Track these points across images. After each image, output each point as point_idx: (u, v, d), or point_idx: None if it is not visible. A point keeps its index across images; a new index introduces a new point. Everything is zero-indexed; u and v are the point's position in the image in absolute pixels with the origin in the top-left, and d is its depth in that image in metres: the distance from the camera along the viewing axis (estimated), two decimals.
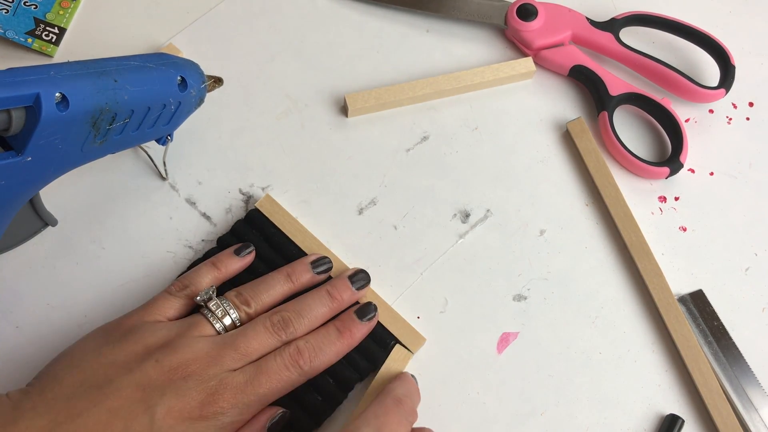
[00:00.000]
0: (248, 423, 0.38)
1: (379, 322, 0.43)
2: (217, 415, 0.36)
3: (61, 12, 0.53)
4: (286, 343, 0.40)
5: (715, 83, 0.53)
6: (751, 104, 0.54)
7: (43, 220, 0.43)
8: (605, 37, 0.54)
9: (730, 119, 0.54)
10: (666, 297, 0.46)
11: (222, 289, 0.43)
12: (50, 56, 0.52)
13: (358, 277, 0.44)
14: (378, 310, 0.43)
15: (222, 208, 0.48)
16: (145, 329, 0.38)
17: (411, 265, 0.47)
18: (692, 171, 0.52)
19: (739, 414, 0.43)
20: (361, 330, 0.42)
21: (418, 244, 0.48)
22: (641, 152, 0.52)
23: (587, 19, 0.54)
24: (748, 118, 0.54)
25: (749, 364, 0.45)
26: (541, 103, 0.53)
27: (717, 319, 0.46)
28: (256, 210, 0.46)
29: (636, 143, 0.52)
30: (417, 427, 0.39)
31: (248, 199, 0.48)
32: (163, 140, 0.45)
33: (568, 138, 0.52)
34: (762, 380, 0.45)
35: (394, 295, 0.46)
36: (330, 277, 0.45)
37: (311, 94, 0.52)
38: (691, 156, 0.51)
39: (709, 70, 0.55)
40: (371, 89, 0.51)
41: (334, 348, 0.41)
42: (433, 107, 0.53)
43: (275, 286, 0.42)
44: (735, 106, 0.54)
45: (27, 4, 0.52)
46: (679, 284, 0.48)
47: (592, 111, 0.53)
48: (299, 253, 0.45)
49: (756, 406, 0.44)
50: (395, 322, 0.44)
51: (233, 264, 0.44)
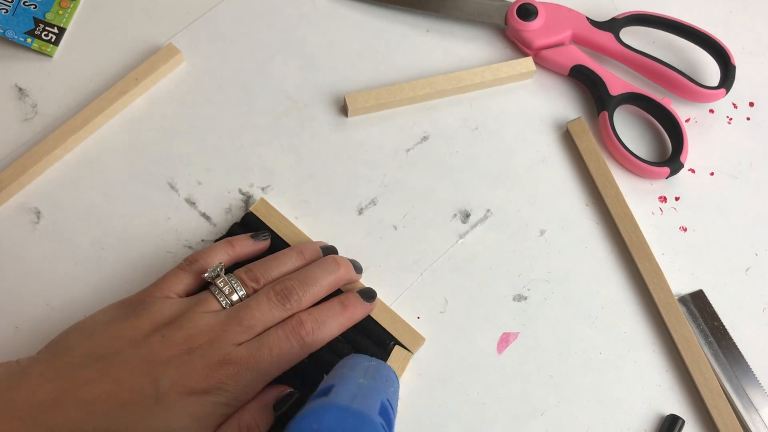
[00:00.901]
0: (254, 399, 0.38)
1: (378, 322, 0.43)
2: (219, 390, 0.36)
3: (60, 12, 0.53)
4: (289, 315, 0.40)
5: (716, 83, 0.53)
6: (751, 104, 0.54)
7: None
8: (605, 37, 0.54)
9: (731, 119, 0.54)
10: (666, 297, 0.46)
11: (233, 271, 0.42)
12: (50, 56, 0.52)
13: (357, 265, 0.45)
14: (376, 305, 0.43)
15: (222, 208, 0.48)
16: (154, 305, 0.39)
17: (411, 265, 0.47)
18: (692, 171, 0.51)
19: (740, 414, 0.43)
20: (364, 308, 0.42)
21: (418, 244, 0.48)
22: (641, 152, 0.52)
23: (587, 18, 0.54)
24: (748, 118, 0.54)
25: (750, 364, 0.45)
26: (541, 103, 0.53)
27: (717, 319, 0.46)
28: (251, 213, 0.46)
29: (636, 143, 0.52)
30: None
31: (248, 199, 0.48)
32: None
33: (568, 138, 0.52)
34: (762, 380, 0.45)
35: (394, 295, 0.46)
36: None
37: (311, 94, 0.52)
38: (691, 156, 0.51)
39: (710, 70, 0.55)
40: (371, 89, 0.51)
41: (336, 321, 0.41)
42: (433, 107, 0.52)
43: (286, 263, 0.42)
44: (735, 106, 0.54)
45: (26, 3, 0.52)
46: (680, 284, 0.48)
47: (592, 111, 0.53)
48: None
49: (756, 406, 0.44)
50: (394, 322, 0.44)
51: (247, 246, 0.44)
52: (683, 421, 0.43)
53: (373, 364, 0.37)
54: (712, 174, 0.52)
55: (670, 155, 0.51)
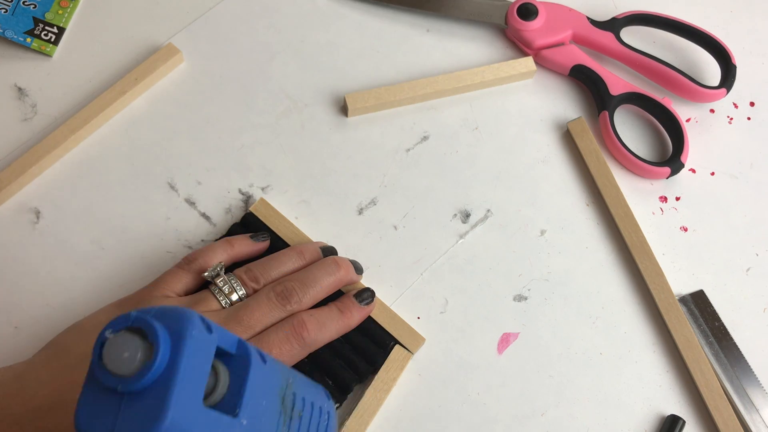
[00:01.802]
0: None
1: (377, 322, 0.43)
2: None
3: (60, 11, 0.53)
4: (289, 315, 0.40)
5: (716, 83, 0.53)
6: (752, 104, 0.54)
7: None
8: (606, 37, 0.54)
9: (731, 119, 0.53)
10: (667, 297, 0.46)
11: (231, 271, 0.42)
12: (49, 56, 0.52)
13: (357, 265, 0.45)
14: (376, 306, 0.43)
15: (221, 208, 0.48)
16: (153, 304, 0.39)
17: (411, 266, 0.47)
18: (693, 171, 0.51)
19: (740, 414, 0.43)
20: (360, 312, 0.42)
21: (418, 244, 0.48)
22: (642, 152, 0.52)
23: (588, 18, 0.54)
24: (749, 118, 0.54)
25: (750, 364, 0.45)
26: (541, 103, 0.53)
27: (718, 319, 0.46)
28: (250, 214, 0.46)
29: (637, 143, 0.52)
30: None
31: (248, 199, 0.48)
32: None
33: (568, 138, 0.52)
34: (763, 381, 0.45)
35: (394, 295, 0.46)
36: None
37: (311, 94, 0.52)
38: (692, 156, 0.51)
39: (710, 69, 0.55)
40: (371, 89, 0.51)
41: (335, 325, 0.41)
42: (433, 107, 0.52)
43: (286, 263, 0.42)
44: (736, 106, 0.54)
45: (26, 3, 0.52)
46: (680, 284, 0.48)
47: (592, 111, 0.53)
48: None
49: (757, 406, 0.44)
50: (394, 322, 0.44)
51: (247, 246, 0.44)
52: (684, 422, 0.43)
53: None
54: (712, 174, 0.52)
55: (671, 155, 0.51)
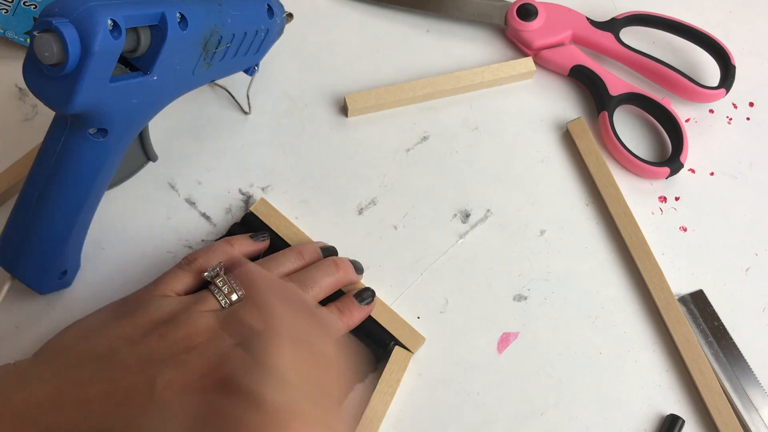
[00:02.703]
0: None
1: (377, 322, 0.43)
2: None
3: None
4: None
5: (716, 83, 0.53)
6: (751, 104, 0.54)
7: (147, 155, 0.45)
8: (605, 37, 0.54)
9: (731, 119, 0.54)
10: (666, 297, 0.46)
11: None
12: None
13: (358, 265, 0.45)
14: (376, 305, 0.43)
15: (222, 208, 0.48)
16: (153, 303, 0.39)
17: (411, 265, 0.47)
18: (692, 171, 0.51)
19: (740, 414, 0.43)
20: (360, 313, 0.42)
21: (418, 244, 0.48)
22: (641, 152, 0.52)
23: (587, 19, 0.54)
24: (748, 118, 0.54)
25: (750, 364, 0.45)
26: (541, 103, 0.53)
27: (717, 319, 0.46)
28: (251, 213, 0.46)
29: (636, 143, 0.52)
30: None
31: (248, 199, 0.48)
32: (251, 70, 0.47)
33: (568, 138, 0.52)
34: (762, 380, 0.45)
35: (394, 295, 0.46)
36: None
37: (311, 94, 0.52)
38: (691, 156, 0.51)
39: (710, 70, 0.55)
40: (371, 89, 0.51)
41: (334, 326, 0.41)
42: (433, 107, 0.52)
43: (285, 263, 0.42)
44: (735, 106, 0.54)
45: (26, 4, 0.52)
46: (680, 284, 0.48)
47: (592, 111, 0.53)
48: None
49: (756, 406, 0.44)
50: (394, 322, 0.44)
51: (247, 246, 0.44)
52: (683, 421, 0.43)
53: None
54: (712, 174, 0.52)
55: (670, 155, 0.51)
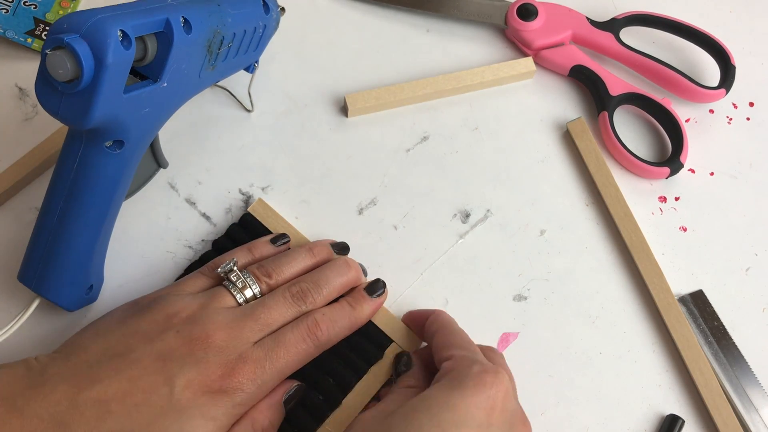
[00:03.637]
0: (265, 397, 0.38)
1: (375, 323, 0.43)
2: (235, 390, 0.36)
3: (60, 12, 0.53)
4: (302, 315, 0.40)
5: (716, 83, 0.53)
6: (751, 104, 0.54)
7: (158, 162, 0.45)
8: (605, 37, 0.54)
9: (731, 119, 0.54)
10: (666, 297, 0.46)
11: None
12: None
13: (362, 268, 0.45)
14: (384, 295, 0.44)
15: (222, 208, 0.48)
16: (169, 300, 0.39)
17: (411, 265, 0.47)
18: (692, 171, 0.51)
19: (740, 414, 0.43)
20: (371, 305, 0.42)
21: (418, 244, 0.48)
22: (641, 152, 0.52)
23: (587, 19, 0.54)
24: (748, 118, 0.54)
25: (750, 364, 0.45)
26: (541, 103, 0.53)
27: (717, 319, 0.46)
28: (249, 214, 0.47)
29: (636, 143, 0.52)
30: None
31: (248, 199, 0.48)
32: (251, 68, 0.47)
33: (568, 138, 0.52)
34: (762, 380, 0.45)
35: (394, 295, 0.46)
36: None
37: (311, 94, 0.52)
38: (691, 156, 0.51)
39: (710, 70, 0.55)
40: (371, 89, 0.51)
41: (347, 321, 0.41)
42: (433, 107, 0.52)
43: (297, 259, 0.43)
44: (735, 106, 0.54)
45: (27, 3, 0.52)
46: (680, 284, 0.48)
47: (592, 111, 0.53)
48: None
49: (756, 406, 0.44)
50: (392, 322, 0.44)
51: (267, 251, 0.44)
52: (683, 421, 0.43)
53: None
54: (712, 174, 0.52)
55: (670, 155, 0.51)
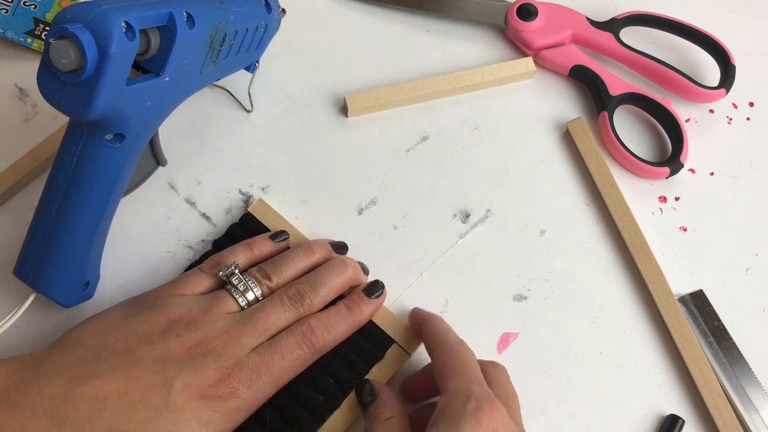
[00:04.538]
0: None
1: (375, 323, 0.43)
2: (230, 396, 0.36)
3: None
4: (299, 320, 0.40)
5: (716, 83, 0.53)
6: (751, 104, 0.54)
7: (157, 159, 0.45)
8: (605, 37, 0.54)
9: (731, 119, 0.54)
10: (666, 297, 0.46)
11: None
12: None
13: (363, 267, 0.45)
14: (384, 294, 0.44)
15: (222, 208, 0.48)
16: (171, 302, 0.39)
17: (411, 265, 0.47)
18: (692, 171, 0.51)
19: (740, 414, 0.43)
20: (369, 307, 0.42)
21: (418, 244, 0.48)
22: (641, 152, 0.52)
23: (587, 19, 0.54)
24: (748, 118, 0.54)
25: (750, 364, 0.45)
26: (541, 103, 0.53)
27: (717, 319, 0.46)
28: (248, 214, 0.47)
29: (636, 143, 0.52)
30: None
31: (248, 199, 0.48)
32: (252, 67, 0.48)
33: (568, 138, 0.52)
34: (762, 380, 0.45)
35: (394, 295, 0.46)
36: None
37: (311, 94, 0.52)
38: (691, 156, 0.51)
39: (710, 70, 0.55)
40: (371, 89, 0.51)
41: (344, 325, 0.41)
42: (433, 107, 0.52)
43: (296, 260, 0.43)
44: (735, 106, 0.54)
45: (26, 3, 0.52)
46: (680, 284, 0.48)
47: (592, 111, 0.53)
48: None
49: (756, 406, 0.44)
50: (392, 322, 0.44)
51: (267, 247, 0.44)
52: (683, 421, 0.43)
53: None
54: (712, 174, 0.52)
55: (670, 155, 0.51)
